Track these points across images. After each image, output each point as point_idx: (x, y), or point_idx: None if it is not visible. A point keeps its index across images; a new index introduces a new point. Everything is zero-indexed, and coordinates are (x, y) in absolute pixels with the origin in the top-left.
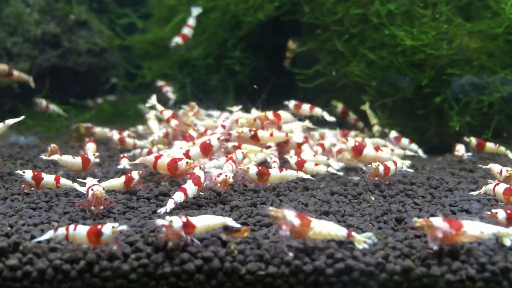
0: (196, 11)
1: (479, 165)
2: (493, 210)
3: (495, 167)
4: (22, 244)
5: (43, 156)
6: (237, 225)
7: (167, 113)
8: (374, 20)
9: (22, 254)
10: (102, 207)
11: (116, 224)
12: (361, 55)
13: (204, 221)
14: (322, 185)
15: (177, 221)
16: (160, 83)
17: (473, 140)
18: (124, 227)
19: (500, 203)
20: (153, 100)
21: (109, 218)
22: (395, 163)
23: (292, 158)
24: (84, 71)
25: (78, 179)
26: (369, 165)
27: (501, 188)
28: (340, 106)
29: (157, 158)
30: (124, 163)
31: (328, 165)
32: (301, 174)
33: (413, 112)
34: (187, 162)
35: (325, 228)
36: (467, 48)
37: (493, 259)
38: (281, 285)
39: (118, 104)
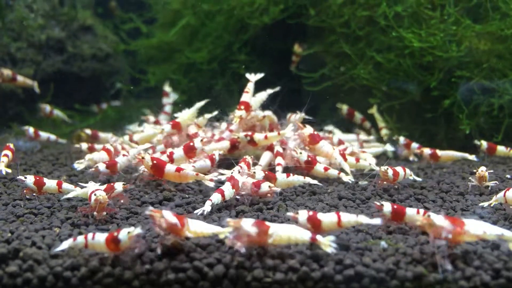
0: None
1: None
2: (382, 202)
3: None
4: (22, 250)
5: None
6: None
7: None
8: (381, 22)
9: (22, 261)
10: (105, 213)
11: (131, 229)
12: (369, 57)
13: (198, 226)
14: (329, 189)
15: (168, 215)
16: (166, 89)
17: (484, 144)
18: (139, 230)
19: (511, 207)
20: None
21: (112, 224)
22: (404, 169)
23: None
24: (89, 76)
25: (80, 184)
26: (378, 169)
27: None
28: (345, 108)
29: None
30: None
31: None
32: (308, 180)
33: (422, 115)
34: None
35: (285, 233)
36: (476, 50)
37: (509, 264)
38: None
39: (122, 110)
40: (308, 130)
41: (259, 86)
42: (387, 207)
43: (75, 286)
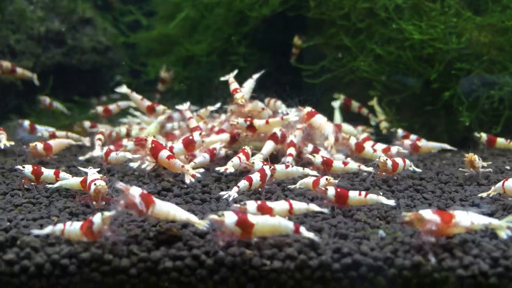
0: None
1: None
2: (327, 187)
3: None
4: (20, 238)
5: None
6: (200, 226)
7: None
8: (381, 14)
9: (19, 249)
10: (103, 203)
11: (105, 212)
12: (369, 50)
13: (167, 208)
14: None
15: (136, 191)
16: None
17: (484, 136)
18: (113, 213)
19: (510, 198)
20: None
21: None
22: (403, 160)
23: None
24: (88, 69)
25: (80, 168)
26: (377, 160)
27: (510, 183)
28: (341, 98)
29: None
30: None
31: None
32: (307, 171)
33: (422, 107)
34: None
35: (269, 227)
36: (476, 42)
37: (507, 253)
38: (287, 281)
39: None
40: (307, 109)
41: (259, 78)
42: (331, 191)
43: (73, 274)
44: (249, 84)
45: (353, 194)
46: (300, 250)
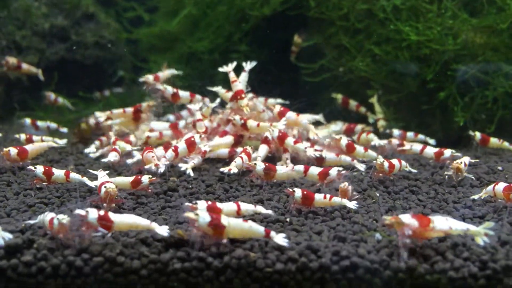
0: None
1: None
2: (294, 188)
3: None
4: (36, 241)
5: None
6: (164, 234)
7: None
8: (380, 15)
9: (36, 250)
10: (113, 204)
11: (61, 216)
12: (367, 50)
13: (128, 220)
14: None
15: (93, 213)
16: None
17: (478, 135)
18: (66, 219)
19: (500, 200)
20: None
21: (120, 214)
22: (399, 161)
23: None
24: (91, 63)
25: (89, 171)
26: (374, 162)
27: (500, 187)
28: (339, 97)
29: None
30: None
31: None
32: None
33: (418, 107)
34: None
35: (240, 230)
36: (472, 43)
37: (495, 256)
38: (288, 282)
39: (125, 97)
40: (277, 108)
41: (259, 76)
42: (298, 192)
43: (87, 275)
44: (244, 78)
45: (318, 197)
46: (301, 253)
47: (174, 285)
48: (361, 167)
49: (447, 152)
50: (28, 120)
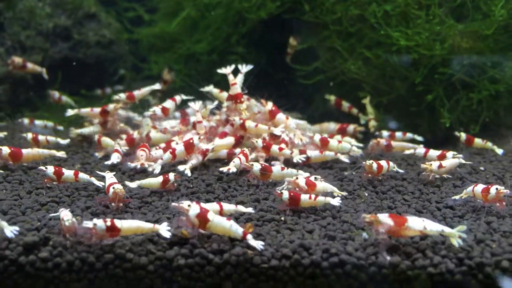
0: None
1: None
2: (282, 190)
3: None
4: (52, 238)
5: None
6: (167, 235)
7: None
8: (371, 20)
9: (52, 248)
10: (121, 204)
11: (66, 217)
12: (359, 53)
13: (131, 225)
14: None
15: (101, 224)
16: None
17: (463, 135)
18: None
19: (479, 200)
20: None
21: (126, 213)
22: (387, 162)
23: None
24: (93, 62)
25: (96, 172)
26: (364, 163)
27: (479, 188)
28: (333, 99)
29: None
30: (115, 157)
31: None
32: (301, 172)
33: (407, 108)
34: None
35: (221, 225)
36: (458, 48)
37: (471, 254)
38: (282, 277)
39: None
40: (269, 106)
41: (256, 77)
42: (285, 194)
43: (99, 270)
44: (240, 80)
45: (304, 197)
46: (294, 250)
47: (178, 280)
48: (345, 158)
49: (449, 155)
50: (26, 120)
